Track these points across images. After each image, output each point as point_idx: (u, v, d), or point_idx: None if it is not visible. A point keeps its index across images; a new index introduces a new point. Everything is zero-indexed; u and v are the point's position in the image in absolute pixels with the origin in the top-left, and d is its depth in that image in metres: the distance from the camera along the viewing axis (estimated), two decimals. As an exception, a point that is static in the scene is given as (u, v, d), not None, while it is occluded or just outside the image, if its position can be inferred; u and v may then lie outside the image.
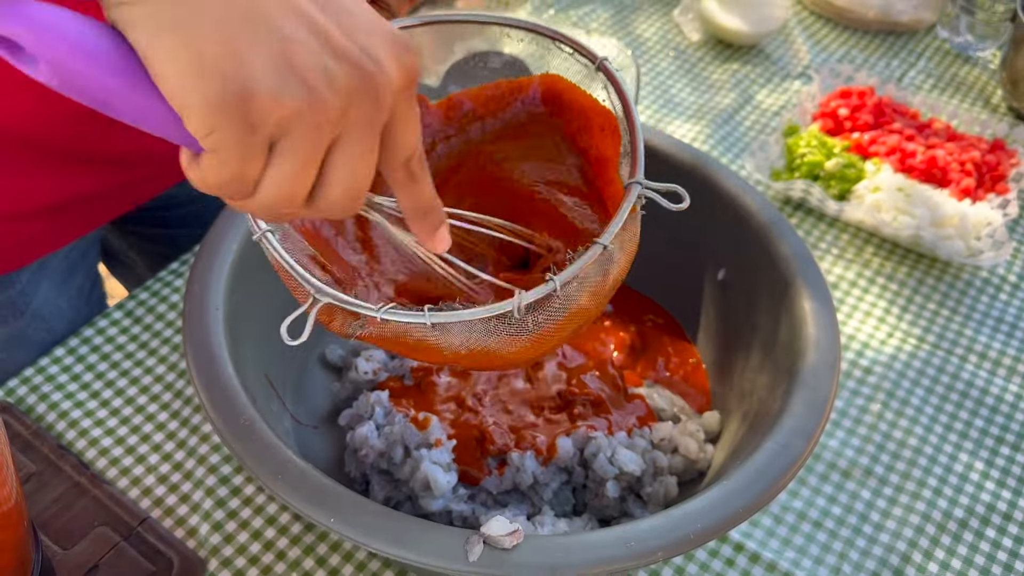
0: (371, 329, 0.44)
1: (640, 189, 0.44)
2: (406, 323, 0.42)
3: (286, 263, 0.43)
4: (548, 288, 0.42)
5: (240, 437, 0.50)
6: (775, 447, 0.52)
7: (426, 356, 0.45)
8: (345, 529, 0.46)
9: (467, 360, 0.44)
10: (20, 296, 0.75)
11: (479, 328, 0.43)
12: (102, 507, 0.62)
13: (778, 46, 1.12)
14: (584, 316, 0.45)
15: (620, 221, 0.43)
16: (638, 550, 0.46)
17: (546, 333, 0.44)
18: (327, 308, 0.43)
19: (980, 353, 0.79)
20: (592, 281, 0.44)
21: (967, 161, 0.90)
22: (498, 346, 0.43)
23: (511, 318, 0.42)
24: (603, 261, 0.44)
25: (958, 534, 0.66)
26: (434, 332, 0.43)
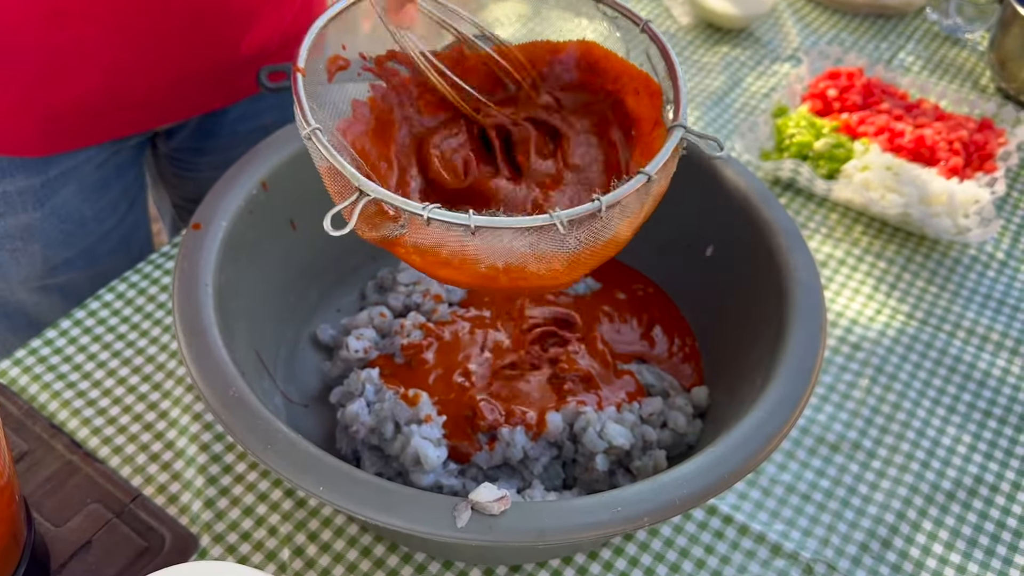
0: (409, 233, 0.44)
1: (683, 132, 0.46)
2: (449, 223, 0.42)
3: (334, 159, 0.44)
4: (594, 206, 0.43)
5: (229, 409, 0.50)
6: (761, 415, 0.52)
7: (458, 271, 0.45)
8: (334, 497, 0.47)
9: (502, 277, 0.45)
10: (43, 188, 0.77)
11: (520, 239, 0.43)
12: (94, 485, 0.63)
13: (768, 29, 1.13)
14: (615, 246, 0.46)
15: (665, 155, 0.45)
16: (625, 515, 0.46)
17: (583, 255, 0.45)
18: (365, 214, 0.44)
19: (968, 329, 0.79)
20: (631, 209, 0.45)
21: (955, 140, 0.91)
22: (535, 263, 0.44)
23: (554, 231, 0.43)
24: (643, 192, 0.45)
25: (945, 506, 0.67)
26: (473, 240, 0.43)
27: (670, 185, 0.69)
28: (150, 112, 0.79)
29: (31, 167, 0.75)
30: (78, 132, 0.76)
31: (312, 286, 0.72)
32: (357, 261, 0.76)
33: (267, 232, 0.66)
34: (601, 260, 0.47)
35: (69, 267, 0.83)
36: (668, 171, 0.47)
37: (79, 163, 0.78)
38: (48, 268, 0.82)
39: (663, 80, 0.50)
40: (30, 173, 0.76)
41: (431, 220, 0.42)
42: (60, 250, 0.81)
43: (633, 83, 0.52)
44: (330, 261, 0.73)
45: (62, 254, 0.82)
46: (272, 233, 0.67)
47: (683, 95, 0.48)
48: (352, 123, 0.50)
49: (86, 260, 0.84)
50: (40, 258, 0.81)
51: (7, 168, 0.75)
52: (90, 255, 0.84)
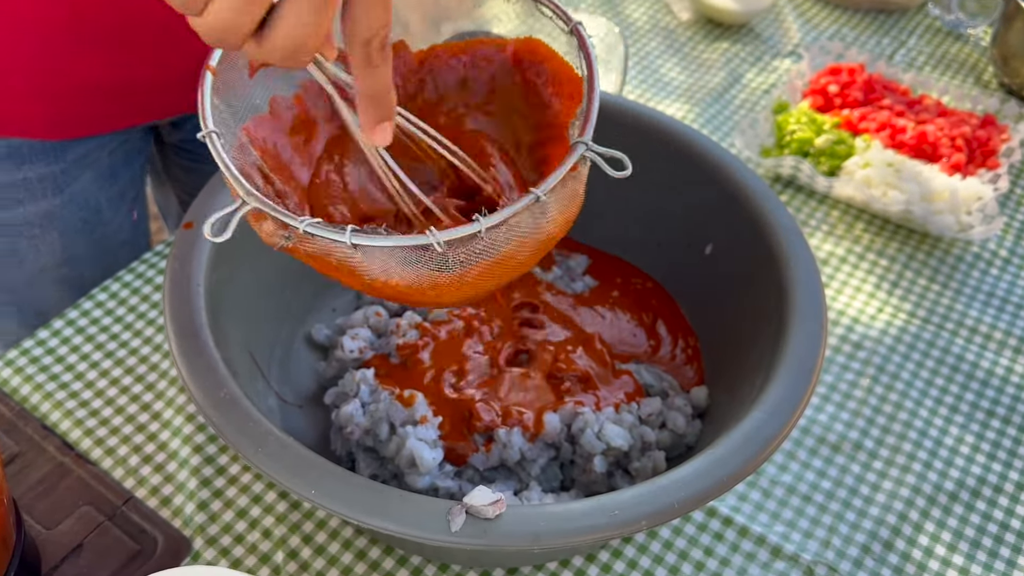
0: (297, 242, 0.43)
1: (584, 149, 0.44)
2: (327, 239, 0.42)
3: (223, 163, 0.43)
4: (473, 228, 0.42)
5: (220, 410, 0.49)
6: (761, 416, 0.51)
7: (348, 279, 0.44)
8: (326, 501, 0.46)
9: (390, 292, 0.44)
10: (62, 175, 0.77)
11: (400, 257, 0.43)
12: (86, 487, 0.62)
13: (768, 25, 1.12)
14: (513, 264, 0.45)
15: (559, 176, 0.43)
16: (622, 519, 0.46)
17: (470, 275, 0.44)
18: (264, 218, 0.43)
19: (970, 327, 0.78)
20: (523, 230, 0.44)
21: (957, 136, 0.90)
22: (419, 281, 0.43)
23: (433, 252, 0.42)
24: (536, 212, 0.44)
25: (948, 507, 0.66)
26: (356, 254, 0.42)
27: (668, 180, 0.69)
28: (160, 100, 0.79)
29: (49, 153, 0.75)
30: (88, 118, 0.76)
31: (307, 285, 0.72)
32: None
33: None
34: (499, 280, 0.46)
35: (85, 259, 0.83)
36: (570, 190, 0.45)
37: (91, 148, 0.78)
38: (66, 257, 0.82)
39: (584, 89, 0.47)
40: (49, 159, 0.76)
41: (306, 233, 0.42)
42: (77, 238, 0.81)
43: (569, 87, 0.50)
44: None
45: (79, 243, 0.82)
46: (266, 232, 0.66)
47: (594, 111, 0.45)
48: (264, 120, 0.50)
49: (100, 250, 0.84)
50: (59, 246, 0.81)
51: (27, 154, 0.74)
52: (104, 245, 0.84)
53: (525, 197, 0.43)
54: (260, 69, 0.49)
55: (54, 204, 0.78)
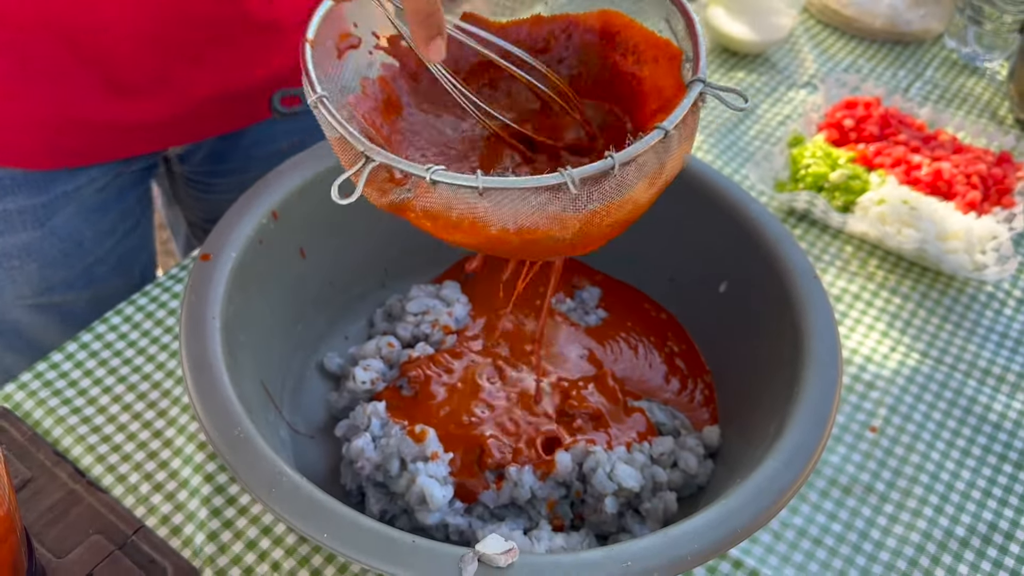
0: (417, 197, 0.43)
1: (702, 87, 0.45)
2: (456, 186, 0.41)
3: (339, 125, 0.44)
4: (607, 164, 0.41)
5: (234, 449, 0.49)
6: (775, 465, 0.51)
7: (469, 235, 0.44)
8: (338, 545, 0.46)
9: (513, 240, 0.44)
10: (43, 208, 0.77)
11: (530, 200, 0.42)
12: (97, 515, 0.62)
13: (784, 55, 1.12)
14: (634, 208, 0.45)
15: (684, 109, 0.44)
16: (635, 570, 0.45)
17: (597, 216, 0.43)
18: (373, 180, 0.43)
19: (984, 370, 0.78)
20: (649, 168, 0.44)
21: (973, 174, 0.89)
22: (547, 223, 0.43)
23: (565, 191, 0.42)
24: (661, 149, 0.44)
25: (959, 553, 0.66)
26: (483, 202, 0.42)
27: (686, 213, 0.69)
28: (161, 133, 0.79)
29: (33, 186, 0.75)
30: (86, 149, 0.76)
31: (320, 314, 0.72)
32: (366, 288, 0.75)
33: (276, 261, 0.65)
34: (620, 225, 0.46)
35: (66, 287, 0.83)
36: (689, 128, 0.46)
37: (81, 185, 0.78)
38: (44, 287, 0.81)
39: (683, 41, 0.49)
40: (32, 192, 0.75)
41: (435, 182, 0.42)
42: (57, 270, 0.81)
43: (652, 51, 0.51)
44: (339, 288, 0.73)
45: (59, 274, 0.81)
46: (281, 262, 0.66)
47: (702, 52, 0.47)
48: (360, 99, 0.50)
49: (83, 281, 0.83)
50: (37, 277, 0.80)
51: (9, 186, 0.74)
52: (87, 276, 0.84)
53: (654, 132, 0.43)
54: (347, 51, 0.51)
55: (34, 236, 0.77)
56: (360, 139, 0.43)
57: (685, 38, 0.49)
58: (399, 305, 0.74)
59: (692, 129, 0.47)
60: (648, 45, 0.51)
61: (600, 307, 0.75)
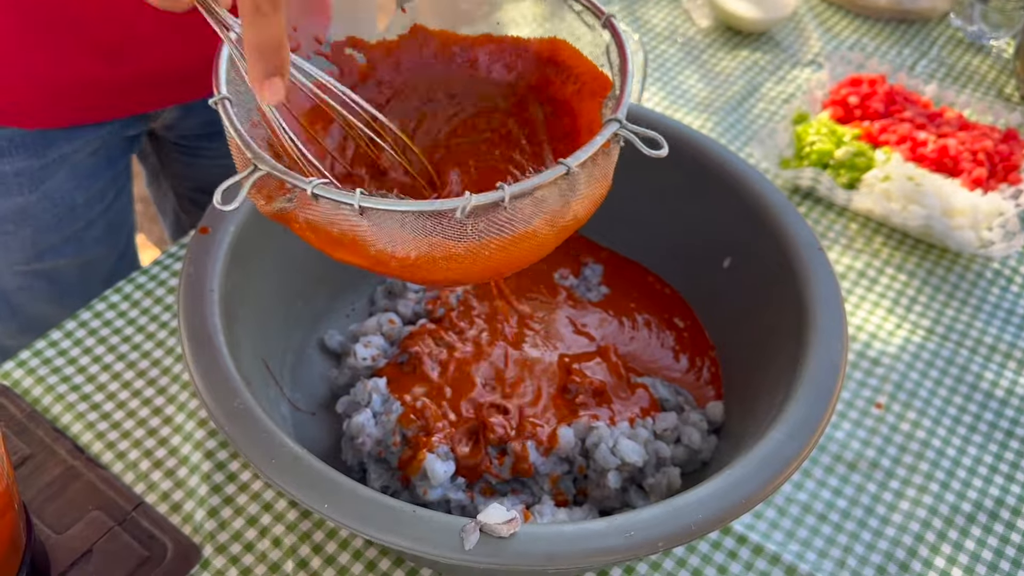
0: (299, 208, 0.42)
1: (618, 127, 0.43)
2: (335, 202, 0.40)
3: (233, 128, 0.42)
4: (497, 195, 0.39)
5: (233, 421, 0.49)
6: (780, 437, 0.50)
7: (351, 253, 0.43)
8: (339, 515, 0.45)
9: (395, 265, 0.42)
10: (40, 171, 0.77)
11: (414, 225, 0.40)
12: (96, 491, 0.62)
13: (788, 33, 1.11)
14: (534, 243, 0.43)
15: (591, 149, 0.42)
16: (638, 540, 0.45)
17: (487, 248, 0.41)
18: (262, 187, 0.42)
19: (990, 346, 0.77)
20: (549, 205, 0.42)
21: (979, 151, 0.89)
22: (431, 251, 0.41)
23: (450, 220, 0.40)
24: (564, 187, 0.42)
25: (965, 528, 0.65)
26: (364, 221, 0.40)
27: (690, 187, 0.68)
28: (158, 93, 0.79)
29: (31, 148, 0.75)
30: (85, 109, 0.75)
31: (321, 291, 0.71)
32: (367, 266, 0.75)
33: (276, 236, 0.64)
34: (516, 260, 0.43)
35: (56, 254, 0.83)
36: (601, 168, 0.44)
37: (76, 148, 0.78)
38: (36, 253, 0.82)
39: (615, 78, 0.47)
40: (29, 154, 0.75)
41: (316, 196, 0.40)
42: (49, 235, 0.81)
43: (592, 84, 0.49)
44: (340, 265, 0.71)
45: (51, 239, 0.81)
46: (281, 237, 0.64)
47: (628, 91, 0.44)
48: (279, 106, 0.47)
49: (73, 247, 0.84)
50: (30, 243, 0.80)
51: (7, 148, 0.74)
52: (78, 241, 0.84)
53: (554, 168, 0.41)
54: None
55: (29, 200, 0.78)
56: (251, 145, 0.41)
57: (617, 74, 0.46)
58: (400, 283, 0.74)
59: (605, 171, 0.44)
60: (590, 77, 0.49)
61: (603, 283, 0.75)
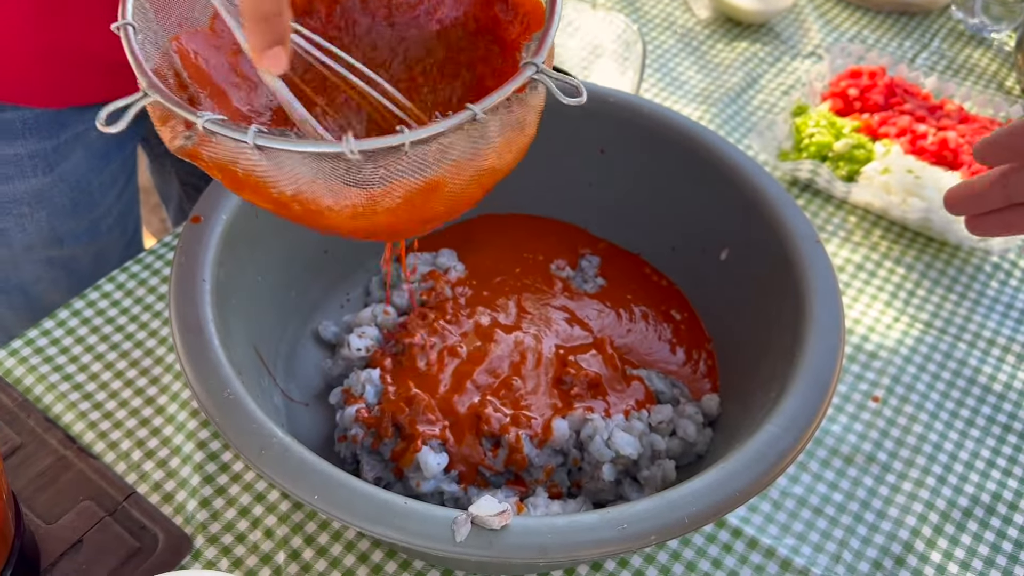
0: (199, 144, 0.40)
1: (534, 71, 0.40)
2: (230, 139, 0.38)
3: (131, 54, 0.40)
4: (395, 140, 0.37)
5: (223, 411, 0.48)
6: (775, 430, 0.50)
7: (254, 194, 0.41)
8: (329, 507, 0.45)
9: (299, 210, 0.40)
10: (54, 152, 0.76)
11: (311, 166, 0.38)
12: (87, 481, 0.61)
13: (788, 25, 1.10)
14: (442, 193, 0.40)
15: (501, 95, 0.39)
16: (631, 533, 0.45)
17: (390, 195, 0.39)
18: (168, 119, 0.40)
19: (988, 340, 0.77)
20: (457, 152, 0.40)
21: (979, 144, 0.88)
22: (330, 195, 0.39)
23: (348, 163, 0.38)
24: (474, 135, 0.40)
25: (962, 523, 0.65)
26: (262, 162, 0.39)
27: (687, 177, 0.67)
28: None
29: (44, 129, 0.75)
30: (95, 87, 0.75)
31: (316, 281, 0.71)
32: (363, 255, 0.74)
33: (270, 225, 0.64)
34: (427, 211, 0.41)
35: (73, 240, 0.82)
36: (515, 116, 0.41)
37: (88, 127, 0.78)
38: (54, 237, 0.81)
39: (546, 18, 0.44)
40: (42, 135, 0.75)
41: (207, 130, 0.38)
42: (66, 219, 0.81)
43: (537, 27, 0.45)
44: (335, 256, 0.71)
45: (68, 224, 0.81)
46: (275, 226, 0.64)
47: (551, 34, 0.41)
48: (199, 34, 0.46)
49: (90, 234, 0.83)
50: (47, 226, 0.80)
51: (20, 130, 0.74)
52: (94, 229, 0.83)
53: (460, 114, 0.38)
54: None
55: (44, 182, 0.77)
56: (148, 74, 0.39)
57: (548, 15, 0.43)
58: (395, 273, 0.73)
59: (521, 119, 0.41)
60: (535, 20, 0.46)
61: (599, 275, 0.74)
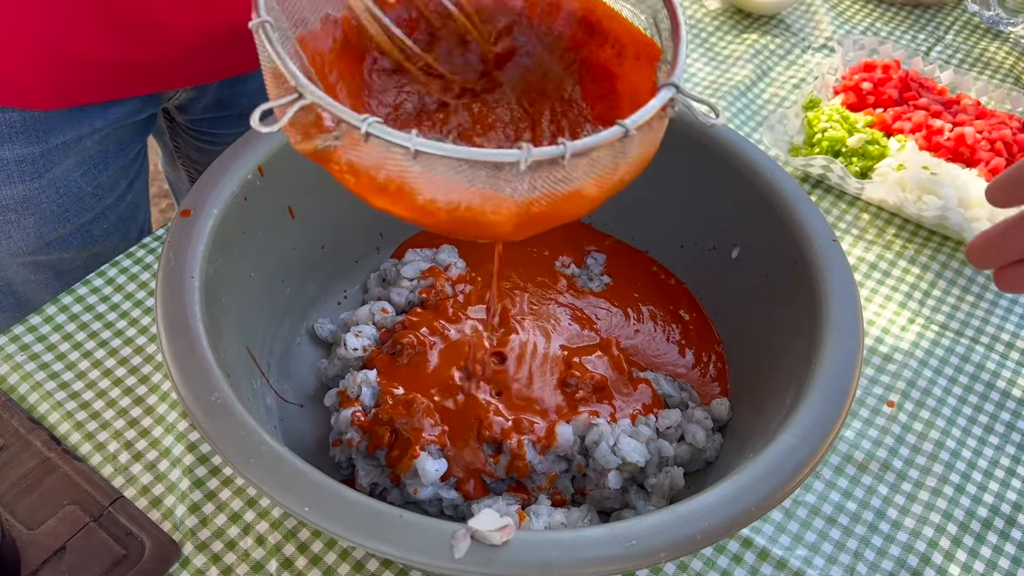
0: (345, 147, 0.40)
1: (674, 92, 0.41)
2: (388, 142, 0.37)
3: (276, 53, 0.39)
4: (557, 151, 0.38)
5: (210, 416, 0.46)
6: (791, 440, 0.48)
7: (394, 200, 0.40)
8: (320, 520, 0.42)
9: (441, 215, 0.40)
10: (42, 158, 0.74)
11: (467, 173, 0.38)
12: (72, 485, 0.59)
13: (799, 16, 1.07)
14: (578, 204, 0.41)
15: (650, 110, 0.40)
16: (639, 550, 0.42)
17: (537, 203, 0.40)
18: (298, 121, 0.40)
19: (1007, 343, 0.74)
20: (602, 165, 0.40)
21: (997, 140, 0.85)
22: (480, 203, 0.39)
23: (507, 171, 0.38)
24: (618, 148, 0.40)
25: (981, 535, 0.62)
26: (415, 166, 0.38)
27: (696, 171, 0.65)
28: (164, 73, 0.75)
29: (32, 133, 0.72)
30: (86, 87, 0.72)
31: (311, 278, 0.68)
32: (360, 252, 0.72)
33: (262, 220, 0.61)
34: (558, 217, 0.42)
35: (64, 244, 0.80)
36: (654, 133, 0.42)
37: (82, 135, 0.75)
38: (40, 244, 0.78)
39: (666, 42, 0.45)
40: (30, 140, 0.72)
41: (369, 135, 0.37)
42: (55, 226, 0.78)
43: (634, 48, 0.47)
44: (331, 252, 0.69)
45: (57, 230, 0.78)
46: (268, 221, 0.62)
47: (682, 57, 0.43)
48: (316, 36, 0.46)
49: (82, 238, 0.80)
50: (33, 233, 0.77)
51: (7, 133, 0.71)
52: (86, 234, 0.81)
53: (614, 128, 0.39)
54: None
55: (32, 188, 0.74)
56: (296, 74, 0.39)
57: (668, 39, 0.44)
58: (394, 270, 0.71)
59: (656, 134, 0.43)
60: (631, 40, 0.47)
61: (605, 273, 0.72)
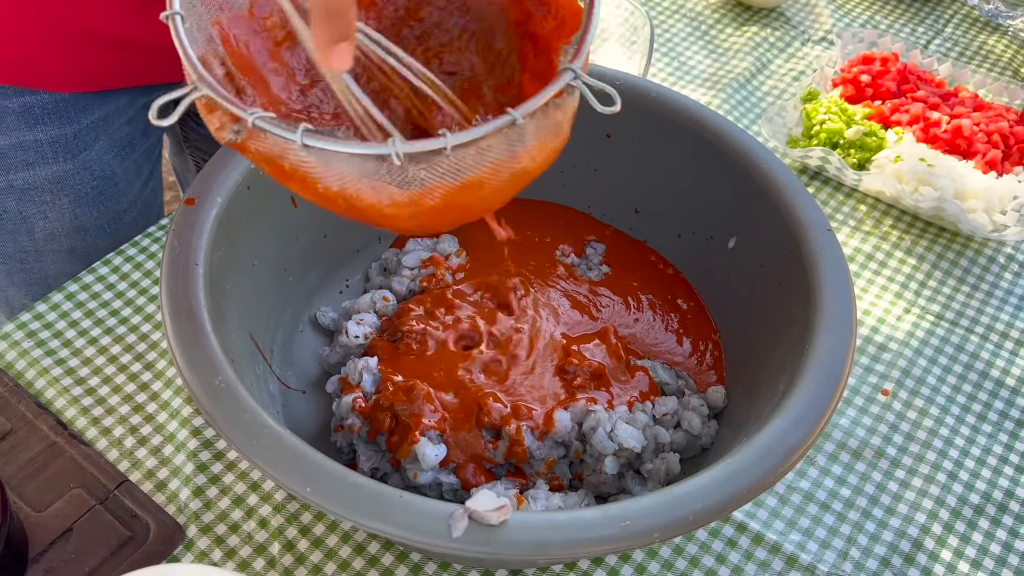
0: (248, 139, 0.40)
1: (572, 77, 0.41)
2: (277, 136, 0.38)
3: (181, 45, 0.40)
4: (438, 143, 0.38)
5: (214, 399, 0.47)
6: (784, 425, 0.48)
7: (301, 187, 0.41)
8: (322, 500, 0.43)
9: (343, 205, 0.41)
10: (75, 139, 0.75)
11: (357, 167, 0.39)
12: (79, 469, 0.60)
13: (799, 9, 1.08)
14: (481, 196, 0.42)
15: (540, 100, 0.40)
16: (633, 530, 0.43)
17: (431, 196, 0.40)
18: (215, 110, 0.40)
19: (1001, 333, 0.75)
20: (495, 155, 0.40)
21: (994, 132, 0.86)
22: (372, 194, 0.40)
23: (392, 165, 0.39)
24: (512, 138, 0.40)
25: (973, 521, 0.63)
26: (310, 158, 0.39)
27: (694, 162, 0.66)
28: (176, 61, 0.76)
29: (63, 114, 0.73)
30: (113, 71, 0.74)
31: (314, 267, 0.69)
32: (362, 242, 0.73)
33: (266, 209, 0.62)
34: (461, 209, 0.42)
35: (98, 232, 0.81)
36: (552, 120, 0.42)
37: (109, 113, 0.76)
38: (76, 227, 0.79)
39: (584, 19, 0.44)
40: (62, 121, 0.73)
41: (256, 127, 0.38)
42: (89, 208, 0.79)
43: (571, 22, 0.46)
44: (333, 241, 0.70)
45: (91, 213, 0.79)
46: (271, 210, 0.63)
47: (589, 38, 0.42)
48: (241, 18, 0.46)
49: (113, 224, 0.82)
50: (69, 215, 0.78)
51: (39, 115, 0.72)
52: (116, 220, 0.82)
53: (500, 118, 0.39)
54: None
55: (66, 169, 0.75)
56: (196, 65, 0.39)
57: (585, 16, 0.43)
58: (395, 259, 0.72)
59: (557, 123, 0.42)
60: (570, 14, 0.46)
61: (604, 262, 0.73)
